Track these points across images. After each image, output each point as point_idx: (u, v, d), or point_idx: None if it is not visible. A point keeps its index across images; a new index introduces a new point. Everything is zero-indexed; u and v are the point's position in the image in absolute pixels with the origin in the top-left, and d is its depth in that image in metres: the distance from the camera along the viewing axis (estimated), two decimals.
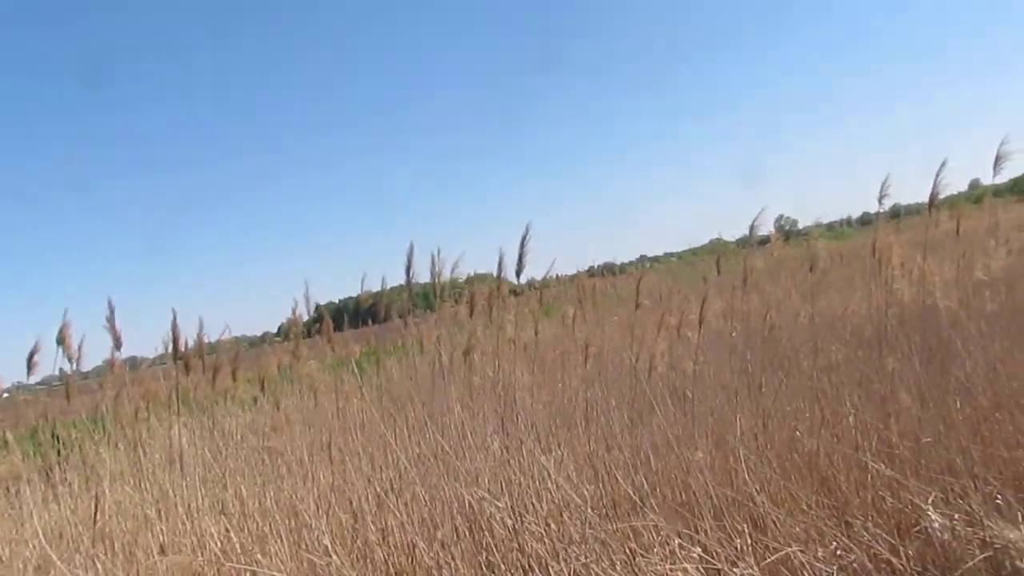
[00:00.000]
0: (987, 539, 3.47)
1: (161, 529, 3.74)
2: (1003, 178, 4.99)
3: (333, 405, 4.20)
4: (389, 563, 3.65)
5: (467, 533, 3.68)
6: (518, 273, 3.71)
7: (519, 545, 3.50)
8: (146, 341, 4.16)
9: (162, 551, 3.59)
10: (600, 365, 4.40)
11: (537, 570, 3.43)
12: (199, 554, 3.44)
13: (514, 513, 3.59)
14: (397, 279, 3.99)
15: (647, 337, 4.53)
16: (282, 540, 3.75)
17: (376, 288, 4.20)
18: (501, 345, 4.07)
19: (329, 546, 3.66)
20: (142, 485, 4.01)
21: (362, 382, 4.10)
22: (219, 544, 3.54)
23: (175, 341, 3.52)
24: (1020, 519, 3.54)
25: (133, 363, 4.34)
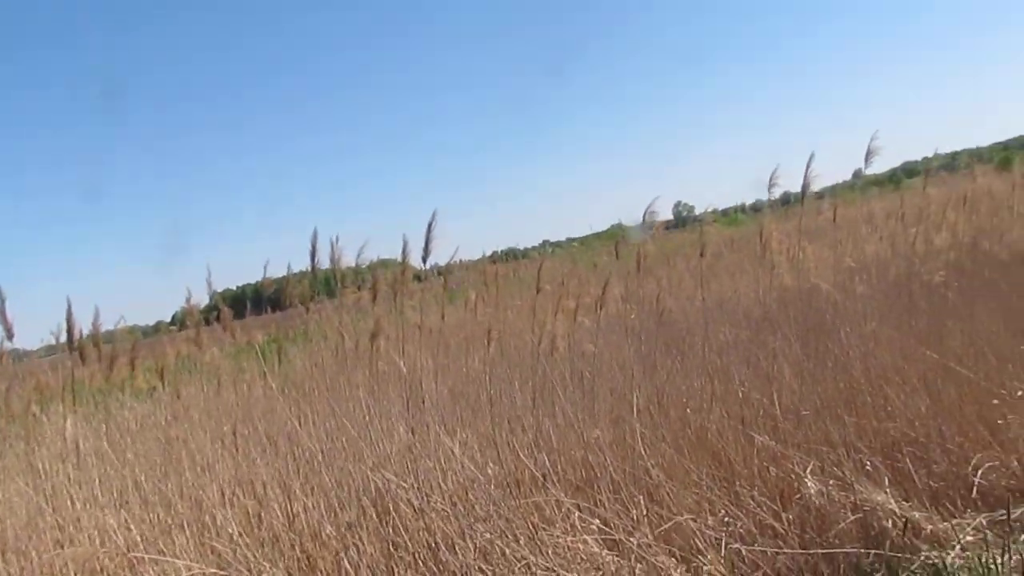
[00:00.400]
0: (857, 503, 3.77)
1: (57, 523, 3.65)
2: (883, 169, 5.36)
3: (235, 393, 4.17)
4: (296, 548, 3.67)
5: (374, 515, 3.74)
6: (424, 259, 3.77)
7: (425, 524, 3.59)
8: (29, 333, 4.01)
9: (59, 546, 3.51)
10: (503, 348, 4.51)
11: (443, 547, 3.52)
12: (99, 547, 3.38)
13: (420, 493, 3.67)
14: (301, 265, 3.99)
15: (548, 320, 4.67)
16: (185, 530, 3.73)
17: (279, 274, 4.19)
18: (406, 330, 4.12)
19: (234, 534, 3.66)
20: (35, 481, 3.89)
21: (265, 369, 4.08)
22: (120, 537, 3.48)
23: (70, 331, 3.43)
24: (887, 483, 3.87)
25: (16, 355, 4.18)
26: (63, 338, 3.51)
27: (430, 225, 3.88)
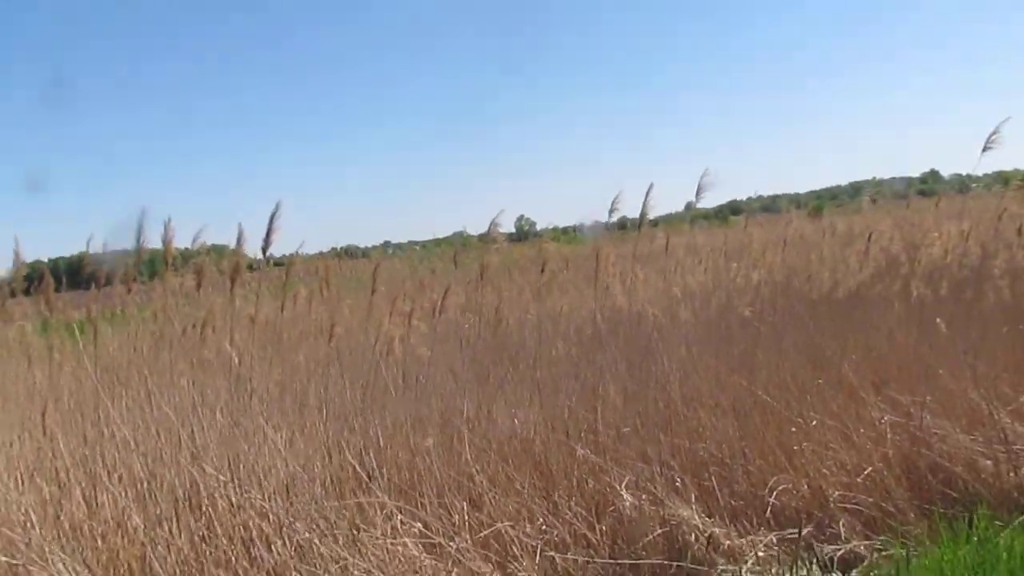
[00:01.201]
0: (666, 517, 4.01)
1: None
2: (712, 204, 5.73)
3: (43, 373, 3.85)
4: (99, 540, 3.46)
5: (187, 509, 3.58)
6: (264, 249, 3.66)
7: (242, 520, 3.48)
8: None
9: None
10: (336, 347, 4.45)
11: (259, 544, 3.42)
12: None
13: (239, 489, 3.56)
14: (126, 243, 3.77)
15: (384, 322, 4.65)
16: None
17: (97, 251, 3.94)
18: (236, 320, 3.99)
19: (27, 522, 3.40)
20: None
21: (81, 349, 3.81)
22: None
23: None
24: (693, 499, 4.13)
25: None
26: None
27: (273, 215, 3.78)
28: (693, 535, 3.92)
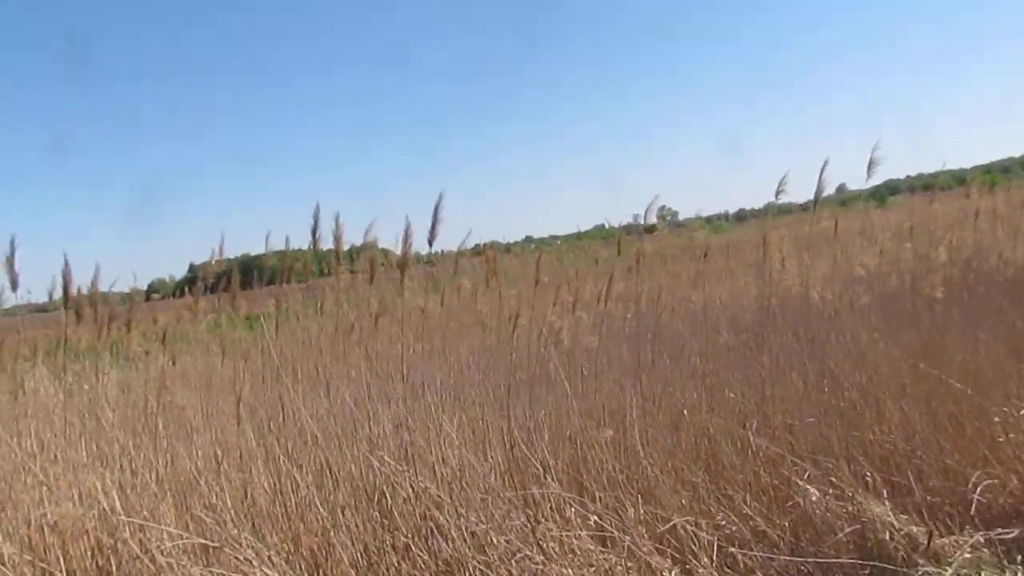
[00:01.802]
0: (855, 513, 3.75)
1: (42, 481, 3.53)
2: (866, 185, 5.36)
3: (231, 363, 4.05)
4: (284, 525, 3.59)
5: (365, 497, 3.66)
6: (430, 241, 3.68)
7: (420, 510, 3.51)
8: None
9: (43, 503, 3.40)
10: (500, 338, 4.44)
11: (437, 534, 3.45)
12: (82, 508, 3.27)
13: (416, 477, 3.60)
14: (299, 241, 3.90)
15: (548, 313, 4.61)
16: (169, 498, 3.63)
17: (279, 248, 4.09)
18: (406, 312, 4.04)
19: (220, 506, 3.56)
20: (18, 437, 3.76)
21: (263, 342, 3.97)
22: (103, 499, 3.37)
23: (66, 288, 3.31)
24: (884, 495, 3.86)
25: (12, 311, 4.04)
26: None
27: (436, 207, 3.79)
28: (888, 533, 3.65)
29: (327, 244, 3.78)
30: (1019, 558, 3.48)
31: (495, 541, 3.44)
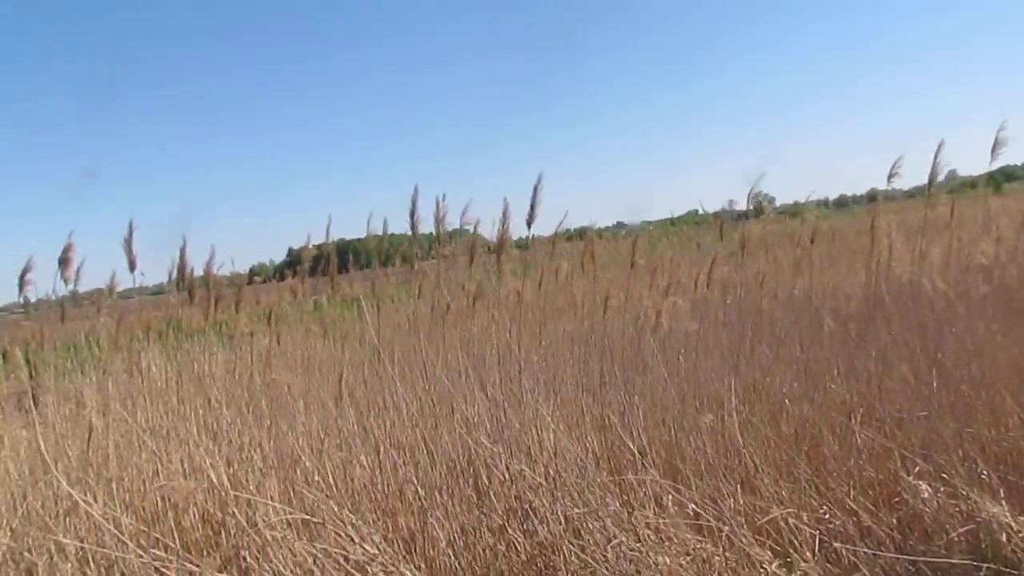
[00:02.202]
0: (968, 512, 3.57)
1: (155, 456, 3.70)
2: (988, 168, 5.07)
3: (333, 344, 4.15)
4: (381, 504, 3.66)
5: (461, 477, 3.70)
6: (529, 223, 3.67)
7: (515, 493, 3.52)
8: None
9: (156, 476, 3.57)
10: (595, 322, 4.41)
11: (533, 516, 3.45)
12: (193, 483, 3.41)
13: (511, 459, 3.61)
14: (400, 226, 3.95)
15: (645, 297, 4.54)
16: (273, 474, 3.75)
17: (379, 232, 4.16)
18: (503, 295, 4.06)
19: (321, 483, 3.66)
20: (135, 413, 3.95)
21: (362, 324, 4.05)
22: (213, 475, 3.51)
23: (182, 270, 3.44)
24: (1002, 495, 3.66)
25: (126, 293, 4.24)
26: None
27: (536, 188, 3.77)
28: (1004, 535, 3.46)
29: (428, 227, 3.83)
30: None
31: (590, 526, 3.42)
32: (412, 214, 3.81)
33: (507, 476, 3.59)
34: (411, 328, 4.42)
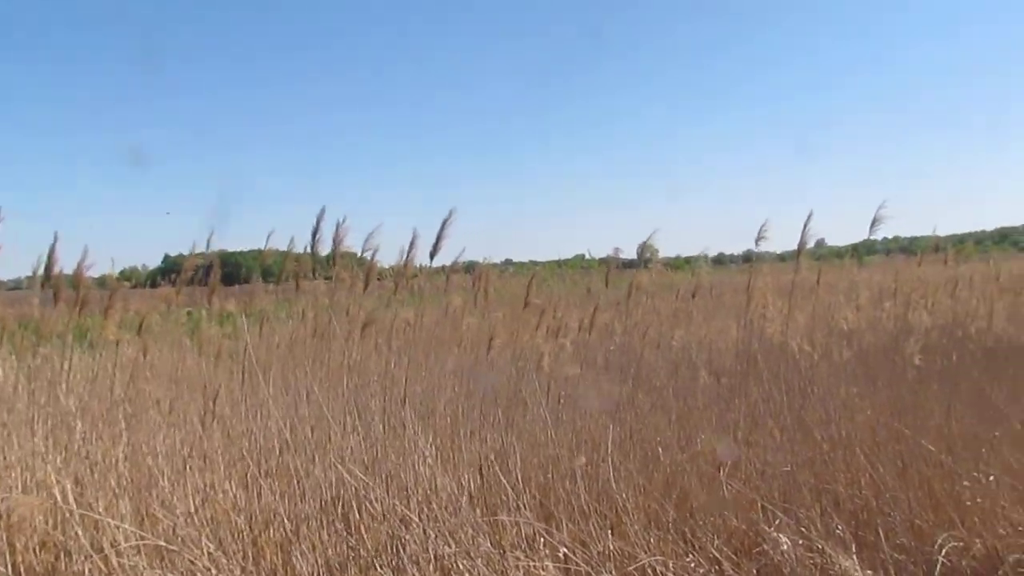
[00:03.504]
0: (823, 565, 3.72)
1: None
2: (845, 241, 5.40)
3: (206, 360, 3.94)
4: (245, 535, 3.47)
5: (332, 510, 3.56)
6: (432, 255, 3.63)
7: (386, 529, 3.42)
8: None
9: None
10: (484, 358, 4.39)
11: (403, 554, 3.36)
12: (37, 499, 3.13)
13: (385, 494, 3.51)
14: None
15: (531, 336, 4.57)
16: (126, 495, 3.51)
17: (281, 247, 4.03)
18: (393, 324, 3.98)
19: (181, 509, 3.45)
20: None
21: (241, 341, 3.87)
22: (58, 492, 3.25)
23: (49, 266, 3.20)
24: (853, 549, 3.83)
25: None
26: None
27: (445, 222, 3.75)
28: None
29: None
30: None
31: (460, 567, 3.36)
32: (314, 234, 3.71)
33: (379, 511, 3.48)
34: (293, 351, 4.27)
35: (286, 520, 3.41)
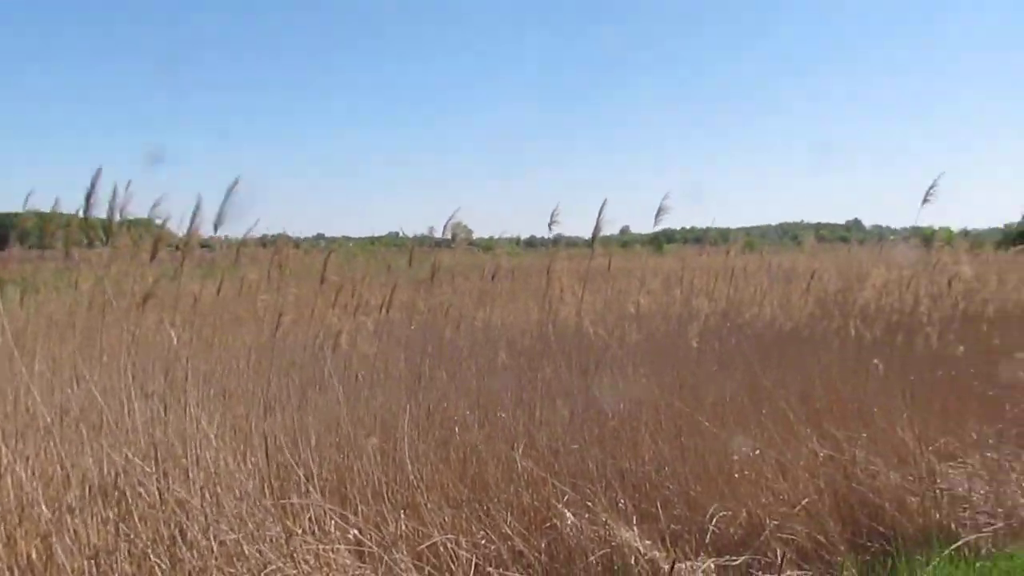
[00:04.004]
0: (606, 537, 3.92)
1: None
2: (650, 230, 5.70)
3: None
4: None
5: (101, 498, 3.29)
6: (216, 226, 3.41)
7: (165, 516, 3.22)
8: None
9: None
10: (279, 335, 4.21)
11: (181, 542, 3.17)
12: None
13: (164, 480, 3.30)
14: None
15: (329, 314, 4.44)
16: None
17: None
18: (178, 298, 3.72)
19: None
20: None
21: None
22: None
23: None
24: (634, 521, 4.07)
25: None
26: None
27: (230, 190, 3.53)
28: (633, 558, 3.84)
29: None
30: None
31: (247, 552, 3.23)
32: (88, 196, 3.38)
33: (157, 496, 3.26)
34: (64, 323, 3.90)
35: (45, 509, 3.11)
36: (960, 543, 4.35)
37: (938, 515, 4.59)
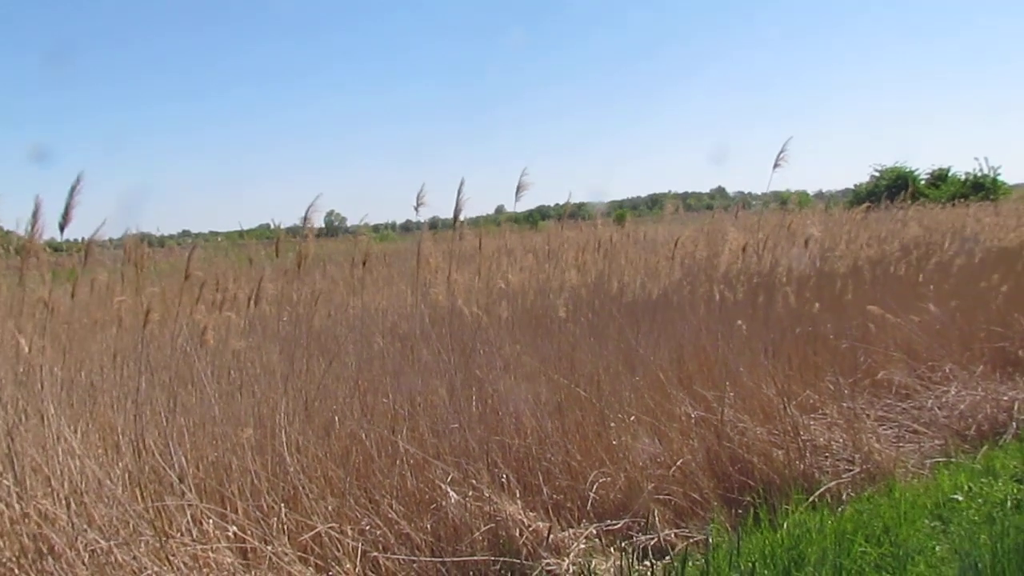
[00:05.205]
0: (491, 513, 4.00)
1: None
2: (522, 208, 5.80)
3: None
4: None
5: None
6: (62, 227, 3.24)
7: (28, 531, 3.07)
8: None
9: None
10: (142, 335, 4.05)
11: (48, 556, 3.04)
12: None
13: (24, 493, 3.14)
14: None
15: (193, 311, 4.31)
16: None
17: None
18: (28, 305, 3.53)
19: None
20: None
21: None
22: None
23: None
24: (518, 495, 4.16)
25: None
26: None
27: (73, 188, 3.36)
28: (518, 530, 3.93)
29: None
30: (621, 544, 3.98)
31: (120, 559, 3.12)
32: None
33: (19, 511, 3.11)
34: None
35: None
36: (822, 490, 4.63)
37: (802, 465, 4.88)
